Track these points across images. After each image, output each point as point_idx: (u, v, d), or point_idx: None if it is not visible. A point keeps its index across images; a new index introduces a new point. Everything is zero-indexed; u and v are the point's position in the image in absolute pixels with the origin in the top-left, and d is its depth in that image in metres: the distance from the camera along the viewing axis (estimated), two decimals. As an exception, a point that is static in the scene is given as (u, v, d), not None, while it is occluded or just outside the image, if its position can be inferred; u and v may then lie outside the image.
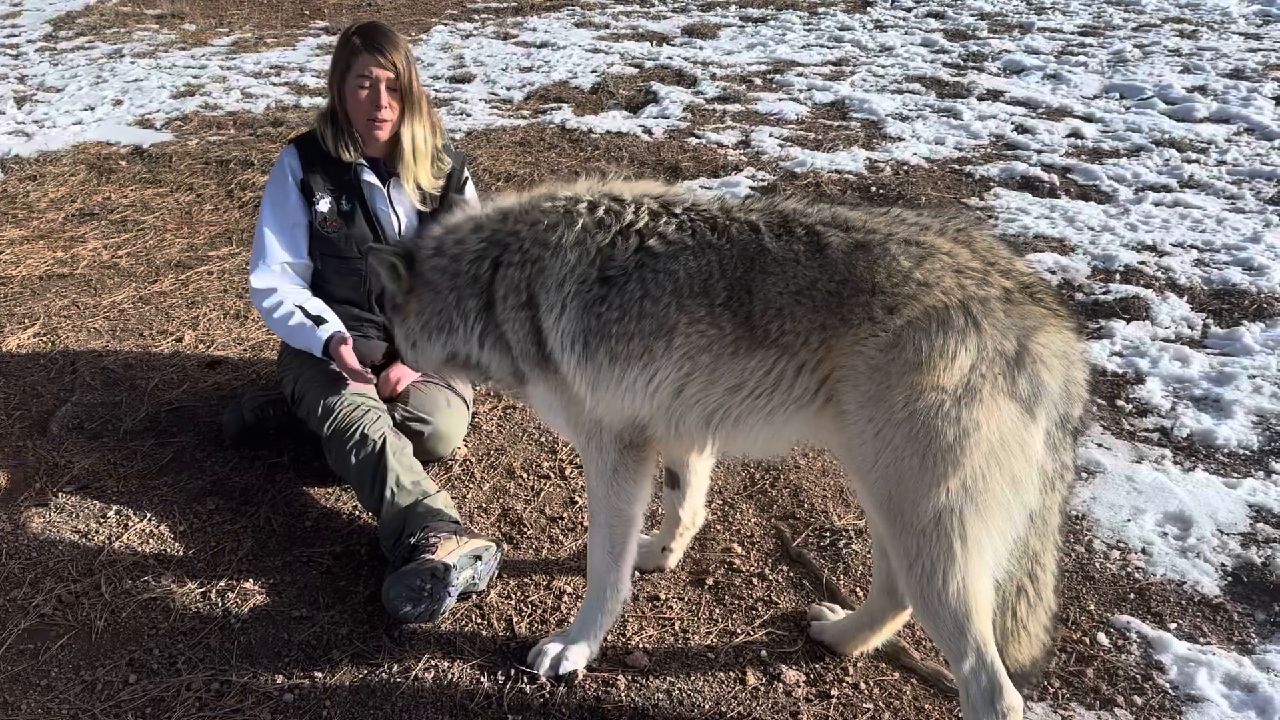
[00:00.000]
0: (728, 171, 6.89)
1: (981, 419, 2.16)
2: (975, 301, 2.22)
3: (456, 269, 2.73)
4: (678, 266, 2.44)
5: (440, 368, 2.97)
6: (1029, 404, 2.20)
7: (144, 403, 4.22)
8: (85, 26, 12.44)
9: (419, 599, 2.91)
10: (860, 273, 2.29)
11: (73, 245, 5.92)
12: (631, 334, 2.45)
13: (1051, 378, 2.22)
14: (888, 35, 11.09)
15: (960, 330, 2.19)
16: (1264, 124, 7.51)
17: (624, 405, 2.53)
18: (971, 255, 2.31)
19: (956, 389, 2.17)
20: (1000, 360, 2.19)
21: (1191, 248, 5.54)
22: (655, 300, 2.43)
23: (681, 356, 2.42)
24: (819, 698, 2.75)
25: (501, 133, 7.89)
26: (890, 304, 2.24)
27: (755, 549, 3.35)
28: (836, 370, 2.31)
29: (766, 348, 2.36)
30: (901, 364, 2.21)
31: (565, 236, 2.56)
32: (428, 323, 2.82)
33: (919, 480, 2.21)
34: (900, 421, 2.20)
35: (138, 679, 2.82)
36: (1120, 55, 9.71)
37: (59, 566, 3.26)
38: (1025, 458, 2.22)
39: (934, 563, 2.25)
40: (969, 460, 2.18)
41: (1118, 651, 2.90)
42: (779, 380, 2.37)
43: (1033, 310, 2.25)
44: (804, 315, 2.32)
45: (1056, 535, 2.44)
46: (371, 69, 3.52)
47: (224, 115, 8.48)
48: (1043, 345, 2.22)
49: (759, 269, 2.37)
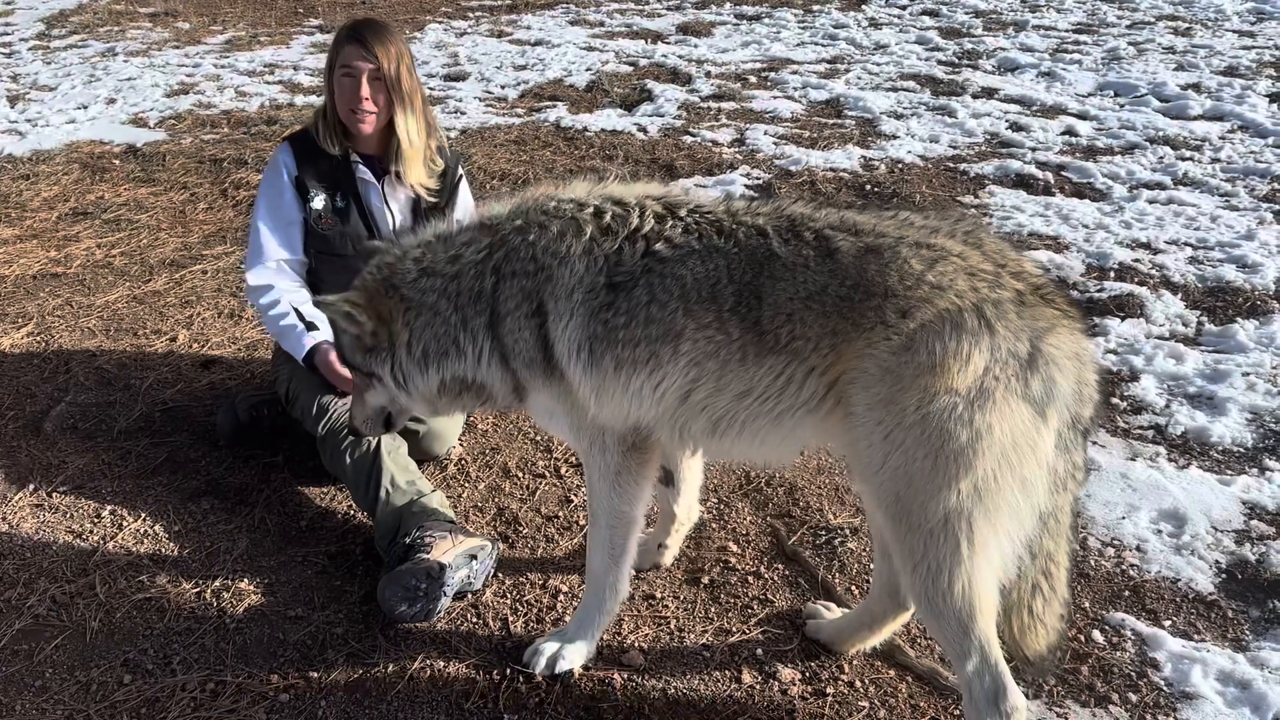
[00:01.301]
0: (723, 170, 6.89)
1: (994, 421, 2.17)
2: (989, 304, 2.22)
3: (457, 287, 2.62)
4: (685, 271, 2.42)
5: (434, 399, 2.78)
6: (1041, 406, 2.20)
7: (138, 402, 4.21)
8: (78, 25, 12.40)
9: (414, 599, 2.91)
10: (872, 276, 2.29)
11: (66, 244, 5.90)
12: (638, 339, 2.43)
13: (1064, 379, 2.22)
14: (882, 33, 11.09)
15: (974, 332, 2.19)
16: (1258, 121, 7.52)
17: (629, 411, 2.52)
18: (983, 258, 2.31)
19: (970, 391, 2.17)
20: (1014, 362, 2.19)
21: (1186, 245, 5.55)
22: (662, 305, 2.41)
23: (689, 362, 2.41)
24: (815, 696, 2.76)
25: (496, 131, 7.88)
26: (903, 307, 2.24)
27: (751, 547, 3.35)
28: (846, 374, 2.31)
29: (776, 353, 2.35)
30: (914, 367, 2.20)
31: (574, 246, 2.52)
32: (426, 349, 2.67)
33: (929, 482, 2.21)
34: (912, 424, 2.20)
35: (133, 679, 2.81)
36: (1114, 53, 9.73)
37: (53, 567, 3.26)
38: (1036, 460, 2.22)
39: (940, 563, 2.25)
40: (981, 462, 2.18)
41: (1112, 649, 2.91)
42: (787, 385, 2.37)
43: (1045, 312, 2.25)
44: (815, 320, 2.31)
45: (1069, 533, 2.45)
46: (354, 60, 3.52)
47: (218, 114, 8.46)
48: (1055, 347, 2.22)
49: (768, 274, 2.36)
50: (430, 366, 2.68)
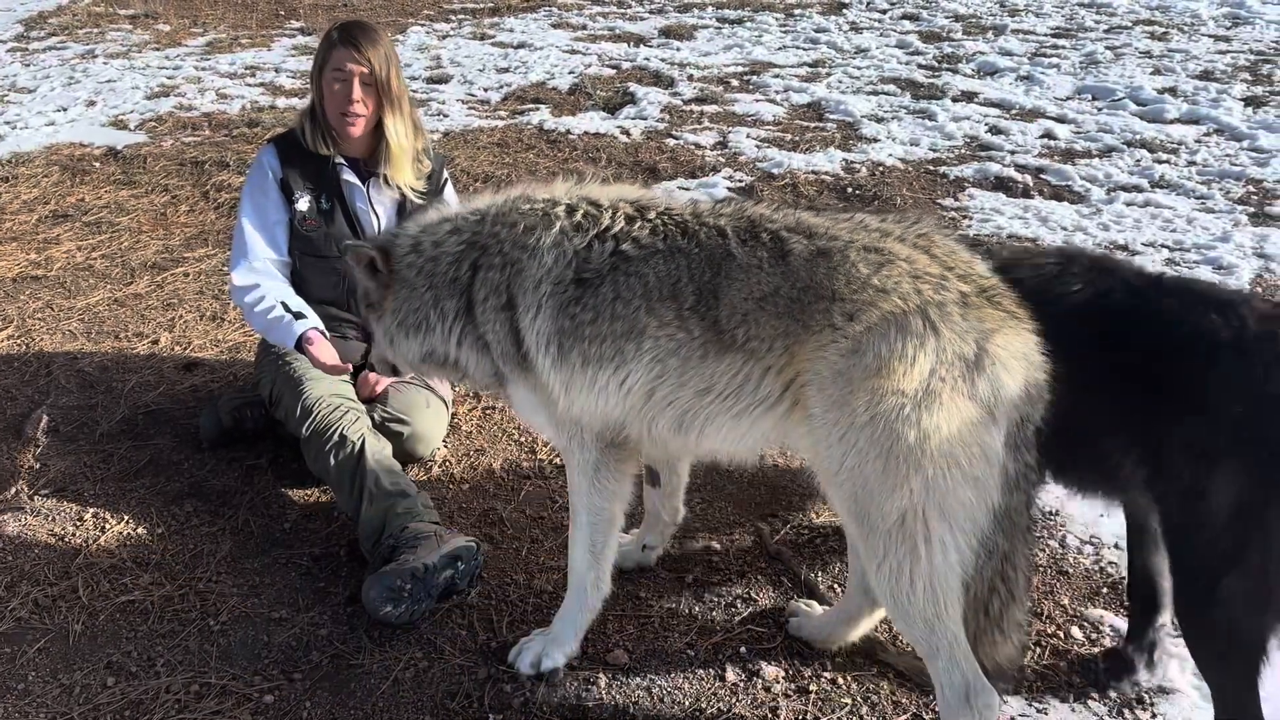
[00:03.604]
0: (705, 172, 6.91)
1: (941, 421, 2.19)
2: (933, 306, 2.25)
3: (434, 269, 2.74)
4: (648, 270, 2.47)
5: (419, 365, 2.96)
6: (989, 405, 2.23)
7: (120, 405, 4.19)
8: (57, 26, 12.32)
9: (399, 600, 2.91)
10: (821, 279, 2.32)
11: (46, 247, 5.87)
12: (604, 335, 2.48)
13: (1011, 379, 2.24)
14: (863, 37, 11.15)
15: (918, 335, 2.22)
16: (1233, 125, 7.61)
17: (598, 406, 2.55)
18: (930, 260, 2.35)
19: (916, 393, 2.20)
20: (959, 363, 2.21)
21: (1163, 247, 5.62)
22: (626, 303, 2.46)
23: (652, 359, 2.45)
24: (798, 693, 2.78)
25: (479, 133, 7.88)
26: (850, 310, 2.28)
27: (734, 546, 3.37)
28: (801, 375, 2.34)
29: (734, 352, 2.39)
30: (862, 369, 2.24)
31: (543, 239, 2.58)
32: (404, 320, 2.83)
33: (882, 482, 2.24)
34: (863, 425, 2.23)
35: (116, 682, 2.81)
36: (1092, 57, 9.81)
37: (35, 570, 3.24)
38: (986, 459, 2.24)
39: (900, 563, 2.28)
40: (930, 462, 2.20)
41: (1091, 645, 2.95)
42: (745, 383, 2.41)
43: (991, 313, 2.28)
44: (768, 321, 2.35)
45: (1025, 534, 2.46)
46: (346, 63, 3.53)
47: (199, 116, 8.42)
48: (1001, 347, 2.25)
49: (725, 274, 2.41)
50: (408, 335, 2.84)
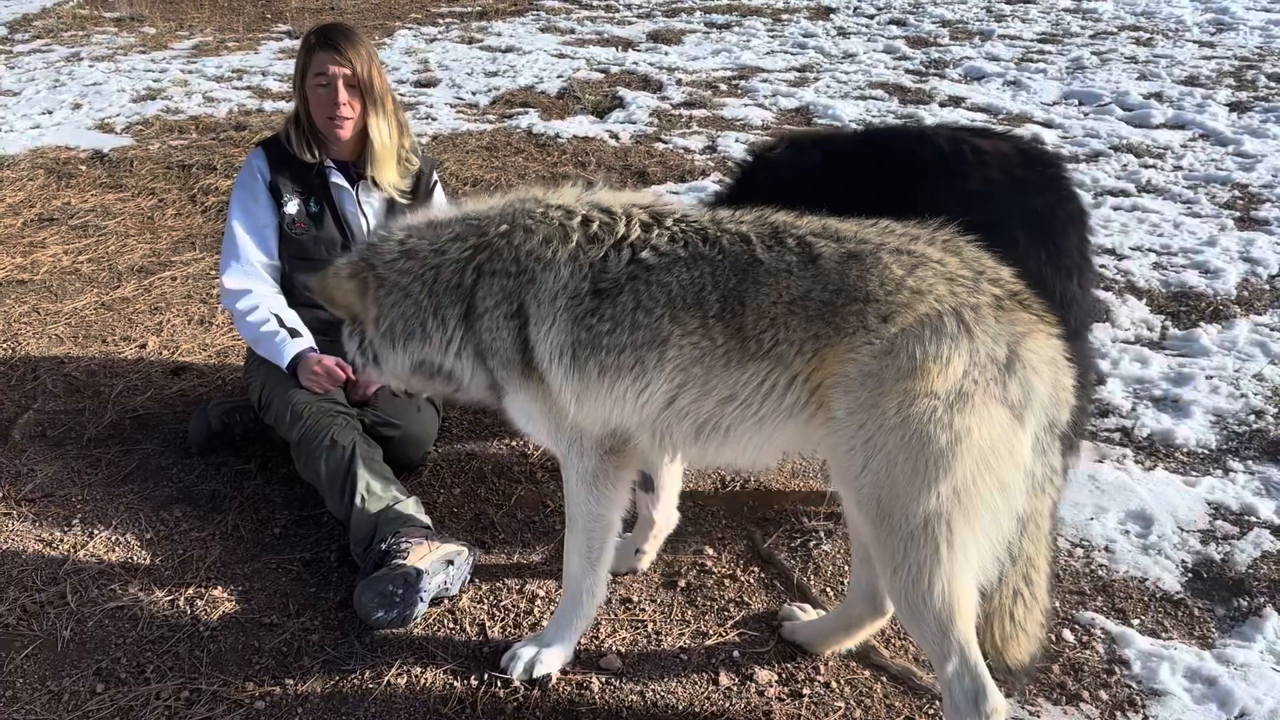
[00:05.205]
0: (694, 176, 6.92)
1: (973, 424, 2.19)
2: (967, 308, 2.25)
3: (435, 276, 2.67)
4: (670, 278, 2.44)
5: (407, 378, 2.88)
6: (1019, 409, 2.23)
7: (108, 410, 4.16)
8: (42, 29, 12.24)
9: (391, 605, 2.90)
10: (854, 281, 2.31)
11: (32, 251, 5.82)
12: (624, 345, 2.45)
13: (1040, 383, 2.25)
14: (850, 42, 11.19)
15: (953, 336, 2.22)
16: (1218, 130, 7.66)
17: (611, 415, 2.53)
18: (961, 263, 2.35)
19: (949, 395, 2.19)
20: (992, 366, 2.22)
21: (1150, 251, 5.65)
22: (648, 312, 2.43)
23: (674, 368, 2.43)
24: (791, 697, 2.78)
25: (468, 137, 7.87)
26: (884, 312, 2.27)
27: (727, 550, 3.37)
28: (828, 379, 2.33)
29: (760, 359, 2.37)
30: (895, 370, 2.23)
31: (559, 252, 2.54)
32: (392, 329, 2.75)
33: (909, 485, 2.23)
34: (893, 427, 2.22)
35: (105, 688, 2.78)
36: (1079, 62, 9.86)
37: (23, 576, 3.21)
38: (1014, 463, 2.25)
39: (920, 566, 2.27)
40: (960, 465, 2.20)
41: (1082, 647, 2.96)
42: (771, 390, 2.39)
43: (1022, 316, 2.29)
44: (798, 325, 2.34)
45: (1049, 537, 2.47)
46: (328, 66, 3.52)
47: (185, 119, 8.38)
48: (1032, 351, 2.25)
49: (751, 280, 2.39)
50: (397, 345, 2.76)
